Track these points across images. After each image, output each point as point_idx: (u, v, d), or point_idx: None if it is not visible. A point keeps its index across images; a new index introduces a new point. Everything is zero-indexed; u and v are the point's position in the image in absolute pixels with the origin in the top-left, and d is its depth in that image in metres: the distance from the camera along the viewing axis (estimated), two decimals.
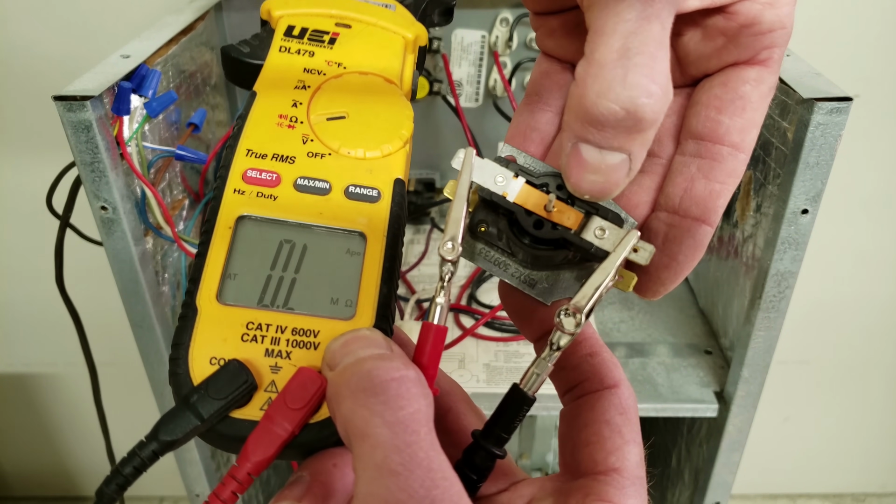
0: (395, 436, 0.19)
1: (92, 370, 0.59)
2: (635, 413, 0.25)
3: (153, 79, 0.46)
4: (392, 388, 0.20)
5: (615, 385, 0.25)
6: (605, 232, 0.24)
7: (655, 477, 0.84)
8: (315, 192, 0.26)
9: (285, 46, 0.31)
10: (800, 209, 0.47)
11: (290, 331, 0.24)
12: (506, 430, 0.24)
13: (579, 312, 0.22)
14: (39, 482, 1.33)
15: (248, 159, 0.27)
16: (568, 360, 0.25)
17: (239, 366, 0.23)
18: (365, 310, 0.25)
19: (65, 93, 0.42)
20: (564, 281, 0.25)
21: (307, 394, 0.22)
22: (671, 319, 0.68)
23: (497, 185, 0.24)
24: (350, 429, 0.20)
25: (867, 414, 1.23)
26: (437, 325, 0.24)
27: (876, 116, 0.90)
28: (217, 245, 0.25)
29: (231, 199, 0.26)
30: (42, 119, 0.86)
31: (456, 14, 0.69)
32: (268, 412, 0.22)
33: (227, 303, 0.24)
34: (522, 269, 0.25)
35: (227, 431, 0.23)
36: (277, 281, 0.25)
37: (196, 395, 0.23)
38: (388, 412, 0.19)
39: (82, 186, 0.45)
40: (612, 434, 0.24)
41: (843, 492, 1.35)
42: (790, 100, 0.47)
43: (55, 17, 0.84)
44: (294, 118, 0.28)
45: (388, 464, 0.19)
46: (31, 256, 0.99)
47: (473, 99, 0.74)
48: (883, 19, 0.84)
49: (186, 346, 0.24)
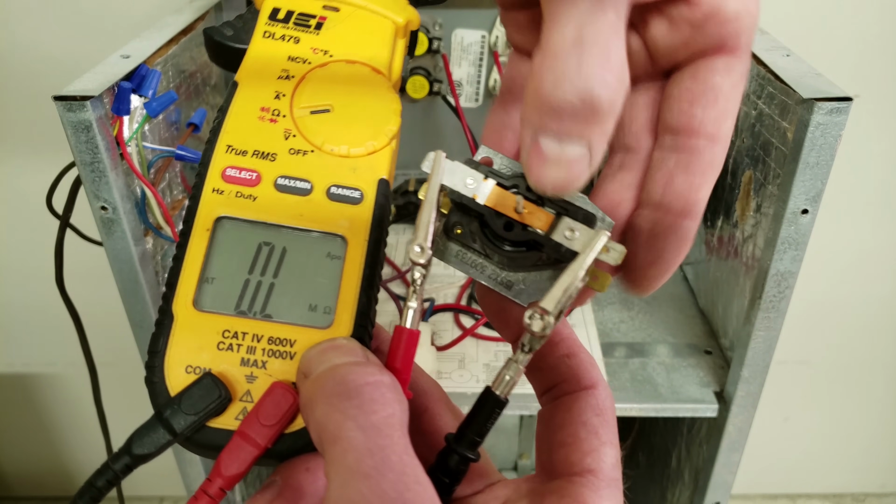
0: (368, 439, 0.19)
1: (92, 370, 0.59)
2: (612, 414, 0.24)
3: (153, 79, 0.46)
4: (366, 393, 0.20)
5: (592, 386, 0.25)
6: (575, 233, 0.23)
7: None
8: (296, 193, 0.26)
9: (269, 31, 0.29)
10: (800, 209, 0.47)
11: (267, 340, 0.24)
12: (478, 433, 0.24)
13: (547, 314, 0.22)
14: (39, 482, 1.33)
15: (227, 156, 0.26)
16: (545, 360, 0.25)
17: (212, 380, 0.23)
18: (343, 318, 0.24)
19: (65, 93, 0.42)
20: (541, 282, 0.25)
21: (280, 410, 0.22)
22: (671, 319, 0.68)
23: (467, 187, 0.24)
24: (323, 433, 0.20)
25: (867, 414, 1.23)
26: (409, 329, 0.23)
27: (876, 116, 0.90)
28: (194, 248, 0.24)
29: (209, 199, 0.25)
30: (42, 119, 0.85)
31: (456, 14, 0.70)
32: (240, 428, 0.22)
33: (203, 309, 0.24)
34: (498, 270, 0.25)
35: (202, 441, 0.23)
36: (255, 286, 0.24)
37: (169, 410, 0.22)
38: (361, 416, 0.19)
39: (82, 186, 0.45)
40: (589, 435, 0.24)
41: (843, 492, 1.35)
42: (790, 100, 0.47)
43: (55, 17, 0.84)
44: (276, 111, 0.27)
45: (361, 467, 0.18)
46: (31, 256, 0.99)
47: (473, 99, 0.74)
48: (883, 19, 0.84)
49: (162, 354, 0.23)
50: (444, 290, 0.70)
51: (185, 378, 0.23)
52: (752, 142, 0.55)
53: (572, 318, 0.67)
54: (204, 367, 0.23)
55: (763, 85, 0.52)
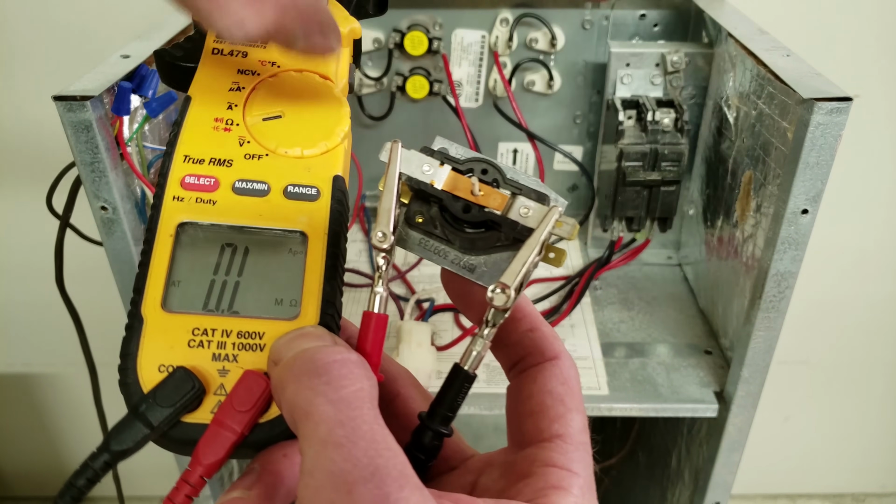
0: (339, 411, 0.20)
1: (92, 370, 0.59)
2: (577, 383, 0.25)
3: (153, 79, 0.46)
4: (335, 370, 0.21)
5: (556, 357, 0.26)
6: (530, 210, 0.24)
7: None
8: (254, 195, 0.27)
9: (218, 48, 0.31)
10: (800, 209, 0.47)
11: (236, 334, 0.24)
12: (450, 408, 0.25)
13: (508, 288, 0.23)
14: (39, 482, 1.33)
15: (185, 165, 0.27)
16: (509, 336, 0.26)
17: (185, 373, 0.23)
18: (309, 308, 0.25)
19: (65, 93, 0.42)
20: (502, 263, 0.25)
21: (253, 396, 0.23)
22: (671, 319, 0.68)
23: (424, 174, 0.25)
24: (295, 411, 0.20)
25: (867, 414, 1.23)
26: (377, 313, 0.24)
27: (876, 116, 0.90)
28: (159, 253, 0.25)
29: (170, 206, 0.26)
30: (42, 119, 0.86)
31: (456, 14, 0.70)
32: (216, 416, 0.23)
33: (172, 310, 0.25)
34: (461, 254, 0.26)
35: (179, 436, 0.23)
36: (221, 285, 0.25)
37: (145, 405, 0.23)
38: (330, 391, 0.20)
39: (82, 186, 0.45)
40: (555, 403, 0.25)
41: (843, 492, 1.35)
42: (790, 100, 0.47)
43: (55, 18, 0.84)
44: (230, 121, 0.28)
45: (333, 437, 0.19)
46: (31, 256, 0.99)
47: (473, 99, 0.74)
48: (883, 19, 0.84)
49: (134, 355, 0.24)
50: None
51: (158, 377, 0.24)
52: (752, 142, 0.55)
53: (572, 317, 0.67)
54: (176, 365, 0.24)
55: (763, 85, 0.52)
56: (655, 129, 0.63)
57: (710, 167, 0.65)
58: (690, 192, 0.70)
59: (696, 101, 0.67)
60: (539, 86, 0.73)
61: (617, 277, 0.73)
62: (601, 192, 0.72)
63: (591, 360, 0.62)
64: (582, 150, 0.77)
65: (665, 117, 0.63)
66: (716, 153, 0.64)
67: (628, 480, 0.93)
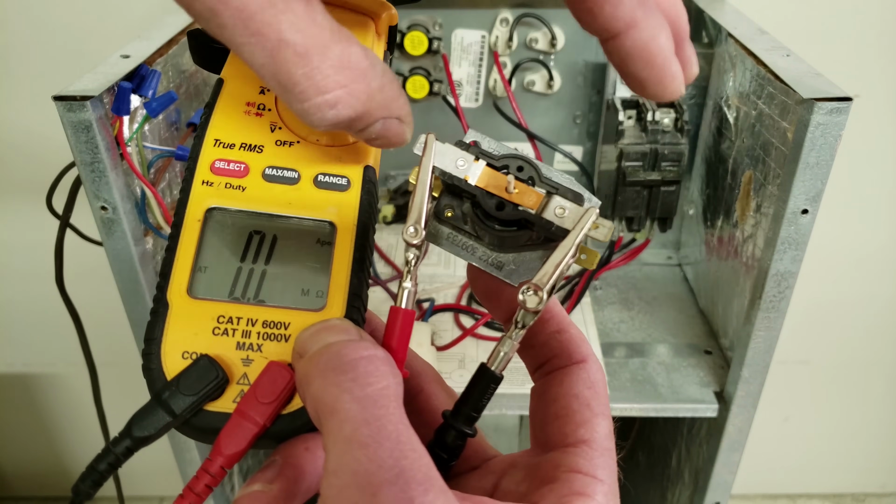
0: (364, 410, 0.19)
1: (92, 370, 0.59)
2: (604, 387, 0.25)
3: (153, 79, 0.46)
4: (361, 366, 0.20)
5: (583, 360, 0.25)
6: (565, 211, 0.24)
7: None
8: (284, 182, 0.26)
9: None
10: (800, 209, 0.47)
11: (261, 323, 0.24)
12: (475, 408, 0.25)
13: (541, 290, 0.23)
14: (39, 482, 1.33)
15: (215, 150, 0.26)
16: (536, 337, 0.26)
17: (209, 361, 0.23)
18: (335, 300, 0.25)
19: (65, 93, 0.42)
20: (531, 262, 0.25)
21: (277, 388, 0.23)
22: (671, 319, 0.68)
23: (458, 168, 0.25)
24: (320, 407, 0.20)
25: (867, 414, 1.23)
26: (404, 308, 0.24)
27: (876, 116, 0.90)
28: (186, 238, 0.25)
29: (199, 190, 0.26)
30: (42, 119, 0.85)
31: (456, 14, 0.70)
32: (239, 406, 0.23)
33: (197, 297, 0.24)
34: (489, 251, 0.25)
35: (200, 424, 0.23)
36: (248, 273, 0.25)
37: (168, 392, 0.23)
38: (356, 388, 0.20)
39: (82, 186, 0.45)
40: (581, 407, 0.24)
41: (843, 492, 1.35)
42: (790, 100, 0.47)
43: (55, 17, 0.84)
44: (262, 105, 0.28)
45: (358, 436, 0.19)
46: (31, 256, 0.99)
47: (473, 99, 0.74)
48: (883, 19, 0.84)
49: (158, 341, 0.24)
50: (445, 290, 0.70)
51: (182, 364, 0.23)
52: (752, 142, 0.55)
53: (572, 317, 0.67)
54: (200, 353, 0.24)
55: (763, 85, 0.52)
56: (655, 129, 0.63)
57: (710, 167, 0.65)
58: (690, 192, 0.70)
59: (696, 101, 0.67)
60: (539, 86, 0.73)
61: (617, 277, 0.74)
62: (601, 192, 0.72)
63: None
64: (582, 150, 0.77)
65: (665, 117, 0.63)
66: (716, 153, 0.64)
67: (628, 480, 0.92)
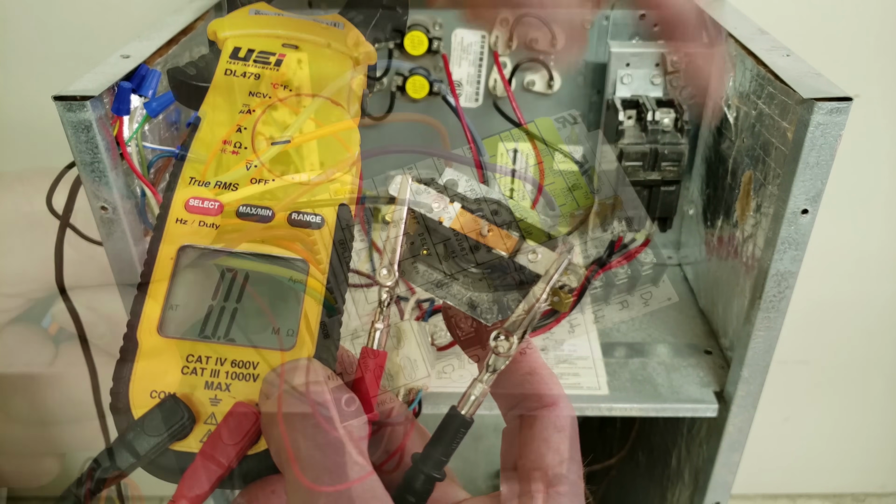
0: (326, 457, 0.19)
1: (92, 370, 0.59)
2: (574, 430, 0.25)
3: (153, 79, 0.46)
4: (324, 411, 0.20)
5: (553, 404, 0.25)
6: (538, 255, 0.24)
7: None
8: (258, 220, 0.26)
9: (231, 69, 0.30)
10: (800, 209, 0.47)
11: (230, 363, 0.24)
12: (444, 453, 0.25)
13: (511, 335, 0.23)
14: None
15: (190, 188, 0.27)
16: (508, 378, 0.26)
17: (175, 402, 0.23)
18: (305, 340, 0.24)
19: (65, 93, 0.42)
20: (506, 302, 0.25)
21: (242, 429, 0.23)
22: (671, 319, 0.68)
23: (434, 210, 0.25)
24: (281, 452, 0.20)
25: (867, 414, 1.23)
26: (375, 350, 0.24)
27: (876, 116, 0.90)
28: (158, 276, 0.25)
29: (173, 228, 0.26)
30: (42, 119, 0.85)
31: (456, 14, 0.69)
32: (204, 448, 0.23)
33: (168, 335, 0.24)
34: (464, 290, 0.25)
35: (166, 464, 0.23)
36: (219, 311, 0.25)
37: (132, 433, 0.23)
38: (319, 434, 0.20)
39: (82, 186, 0.45)
40: (550, 451, 0.24)
41: (843, 492, 1.35)
42: (790, 100, 0.47)
43: (55, 17, 0.84)
44: (238, 144, 0.28)
45: (319, 484, 0.19)
46: None
47: (473, 99, 0.74)
48: (883, 19, 0.84)
49: (127, 379, 0.24)
50: None
51: (150, 402, 0.23)
52: (752, 142, 0.55)
53: (572, 317, 0.67)
54: (169, 392, 0.23)
55: (763, 85, 0.52)
56: (655, 129, 0.63)
57: (710, 167, 0.65)
58: (690, 192, 0.70)
59: (696, 101, 0.67)
60: (539, 86, 0.73)
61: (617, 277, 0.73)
62: (601, 192, 0.72)
63: (591, 360, 0.62)
64: (582, 150, 0.77)
65: (665, 117, 0.63)
66: (716, 153, 0.64)
67: (628, 480, 0.92)
